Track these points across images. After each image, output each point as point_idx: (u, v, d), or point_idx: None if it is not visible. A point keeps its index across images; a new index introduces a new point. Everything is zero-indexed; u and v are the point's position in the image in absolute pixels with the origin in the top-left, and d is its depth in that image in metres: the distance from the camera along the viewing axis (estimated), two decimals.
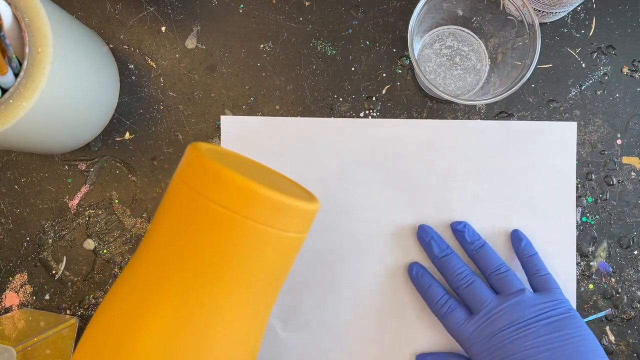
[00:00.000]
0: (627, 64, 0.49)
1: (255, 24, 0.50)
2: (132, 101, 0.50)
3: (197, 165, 0.33)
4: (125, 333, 0.32)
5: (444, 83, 0.49)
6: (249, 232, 0.32)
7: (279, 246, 0.34)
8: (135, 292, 0.34)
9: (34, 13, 0.38)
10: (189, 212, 0.33)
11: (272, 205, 0.32)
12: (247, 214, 0.32)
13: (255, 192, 0.32)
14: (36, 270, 0.49)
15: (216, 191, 0.32)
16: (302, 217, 0.35)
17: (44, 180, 0.50)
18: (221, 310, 0.33)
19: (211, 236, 0.32)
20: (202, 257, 0.32)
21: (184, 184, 0.34)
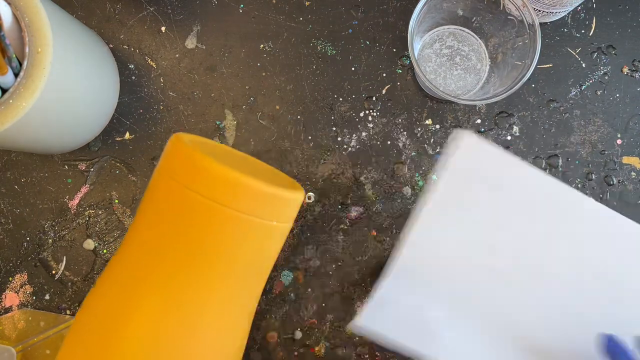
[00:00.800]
0: (627, 64, 0.49)
1: (255, 23, 0.50)
2: (132, 101, 0.50)
3: (179, 156, 0.33)
4: (111, 326, 0.32)
5: (444, 83, 0.49)
6: (231, 222, 0.32)
7: (263, 235, 0.34)
8: (120, 285, 0.33)
9: (34, 13, 0.38)
10: (172, 204, 0.33)
11: (254, 195, 0.32)
12: (230, 204, 0.32)
13: (237, 181, 0.32)
14: (36, 271, 0.49)
15: (198, 182, 0.32)
16: (285, 206, 0.35)
17: (43, 180, 0.50)
18: (206, 300, 0.33)
19: (194, 227, 0.32)
20: (185, 248, 0.32)
21: (166, 175, 0.34)
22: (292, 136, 0.49)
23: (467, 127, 0.49)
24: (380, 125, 0.49)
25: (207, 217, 0.32)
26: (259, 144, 0.49)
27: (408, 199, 0.49)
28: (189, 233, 0.32)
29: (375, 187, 0.49)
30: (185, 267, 0.33)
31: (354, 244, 0.49)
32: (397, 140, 0.49)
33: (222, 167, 0.32)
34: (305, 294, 0.48)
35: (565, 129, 0.49)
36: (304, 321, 0.48)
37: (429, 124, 0.49)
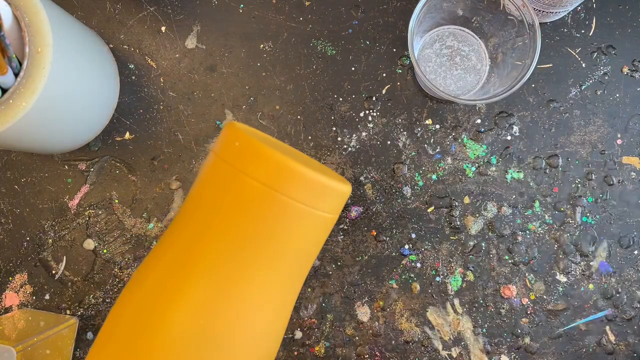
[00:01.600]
0: (627, 64, 0.49)
1: (255, 23, 0.50)
2: (132, 101, 0.50)
3: (237, 142, 0.34)
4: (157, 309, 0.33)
5: (444, 83, 0.49)
6: (285, 209, 0.33)
7: (312, 224, 0.35)
8: (169, 267, 0.34)
9: (34, 13, 0.38)
10: (227, 188, 0.33)
11: (308, 184, 0.33)
12: (284, 191, 0.33)
13: (292, 169, 0.33)
14: (36, 270, 0.49)
15: (255, 168, 0.33)
16: (336, 198, 0.35)
17: (44, 180, 0.50)
18: (253, 287, 0.34)
19: (247, 212, 0.33)
20: (237, 232, 0.33)
21: (222, 160, 0.34)
22: (292, 136, 0.49)
23: (467, 127, 0.49)
24: (380, 125, 0.49)
25: (261, 202, 0.33)
26: None
27: (408, 199, 0.49)
28: (242, 218, 0.33)
29: (375, 187, 0.49)
30: (235, 252, 0.33)
31: (354, 244, 0.49)
32: (397, 140, 0.49)
33: (279, 154, 0.33)
34: (305, 294, 0.48)
35: (565, 128, 0.49)
36: (304, 321, 0.48)
37: (429, 124, 0.49)
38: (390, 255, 0.49)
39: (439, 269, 0.48)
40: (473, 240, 0.48)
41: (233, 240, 0.33)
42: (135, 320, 0.33)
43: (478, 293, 0.48)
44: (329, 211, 0.36)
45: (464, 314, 0.48)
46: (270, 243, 0.34)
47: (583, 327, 0.48)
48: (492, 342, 0.48)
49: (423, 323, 0.48)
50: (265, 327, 0.35)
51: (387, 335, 0.48)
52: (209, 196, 0.34)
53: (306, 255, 0.36)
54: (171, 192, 0.49)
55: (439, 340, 0.48)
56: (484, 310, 0.48)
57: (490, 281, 0.48)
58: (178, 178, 0.49)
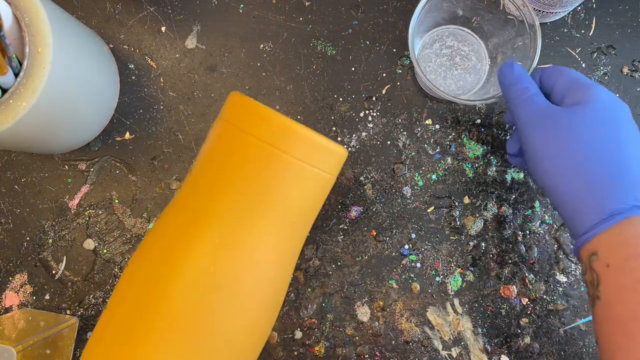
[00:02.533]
0: (627, 64, 0.49)
1: (255, 23, 0.50)
2: (132, 101, 0.50)
3: (240, 106, 0.38)
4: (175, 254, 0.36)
5: (444, 83, 0.49)
6: (287, 166, 0.37)
7: (312, 181, 0.38)
8: (181, 220, 0.37)
9: (34, 13, 0.38)
10: (232, 147, 0.37)
11: (308, 143, 0.37)
12: (285, 149, 0.36)
13: (294, 130, 0.36)
14: (36, 270, 0.49)
15: (260, 129, 0.36)
16: (332, 158, 0.39)
17: (44, 180, 0.50)
18: (259, 237, 0.37)
19: (254, 169, 0.36)
20: (245, 188, 0.36)
21: (229, 124, 0.38)
22: None
23: (467, 127, 0.49)
24: (380, 125, 0.49)
25: (264, 159, 0.36)
26: None
27: (408, 199, 0.49)
28: (248, 174, 0.36)
29: (375, 187, 0.49)
30: (243, 206, 0.36)
31: (353, 244, 0.49)
32: (397, 140, 0.49)
33: (281, 116, 0.36)
34: (305, 294, 0.48)
35: None
36: (304, 321, 0.48)
37: (429, 124, 0.49)
38: (390, 255, 0.49)
39: (439, 269, 0.48)
40: (473, 241, 0.48)
41: (241, 195, 0.36)
42: (153, 268, 0.36)
43: (478, 293, 0.48)
44: (327, 170, 0.39)
45: (464, 314, 0.48)
46: (274, 198, 0.37)
47: (583, 327, 0.48)
48: (492, 342, 0.48)
49: (423, 323, 0.48)
50: (268, 276, 0.38)
51: (387, 335, 0.48)
52: (218, 156, 0.38)
53: (306, 210, 0.39)
54: (171, 192, 0.49)
55: (439, 340, 0.48)
56: (484, 310, 0.48)
57: (490, 281, 0.48)
58: (178, 178, 0.49)
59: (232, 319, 0.36)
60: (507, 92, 0.42)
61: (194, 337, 0.35)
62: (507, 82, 0.42)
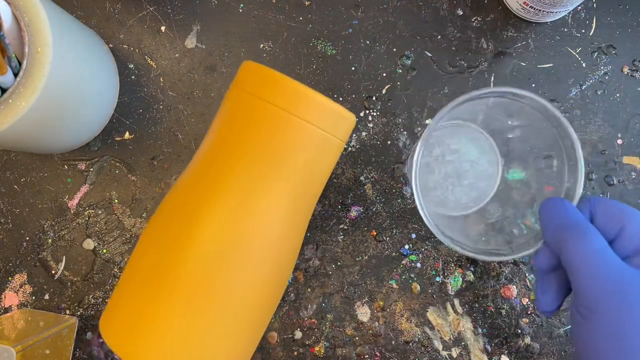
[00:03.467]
0: (627, 64, 0.49)
1: (255, 23, 0.50)
2: (132, 101, 0.50)
3: (252, 73, 0.39)
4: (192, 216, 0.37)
5: (453, 198, 0.45)
6: (300, 129, 0.38)
7: (322, 145, 0.39)
8: (193, 186, 0.38)
9: (34, 13, 0.38)
10: (244, 113, 0.38)
11: (321, 108, 0.38)
12: (300, 114, 0.37)
13: (307, 95, 0.37)
14: (35, 270, 0.49)
15: (273, 94, 0.37)
16: (343, 123, 0.40)
17: (43, 180, 0.49)
18: (272, 200, 0.38)
19: (263, 132, 0.37)
20: (258, 152, 0.37)
21: (243, 91, 0.39)
22: None
23: None
24: (380, 125, 0.49)
25: (278, 123, 0.37)
26: None
27: (408, 199, 0.49)
28: (261, 138, 0.37)
29: (375, 187, 0.49)
30: (256, 170, 0.37)
31: (354, 244, 0.49)
32: (397, 140, 0.49)
33: (294, 81, 0.37)
34: (305, 294, 0.48)
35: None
36: (303, 321, 0.48)
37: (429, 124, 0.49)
38: (390, 255, 0.49)
39: (439, 269, 0.48)
40: None
41: (256, 160, 0.37)
42: (171, 232, 0.38)
43: (478, 293, 0.48)
44: (338, 136, 0.40)
45: (464, 314, 0.48)
46: (288, 161, 0.38)
47: None
48: (493, 343, 0.48)
49: (423, 323, 0.48)
50: (280, 237, 0.39)
51: (387, 336, 0.48)
52: (233, 123, 0.39)
53: (318, 175, 0.40)
54: None
55: (439, 340, 0.48)
56: (484, 310, 0.48)
57: (490, 281, 0.48)
58: (178, 178, 0.49)
59: (247, 279, 0.38)
60: (556, 241, 0.33)
61: (211, 297, 0.36)
62: (557, 229, 0.33)
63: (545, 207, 0.35)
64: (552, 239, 0.33)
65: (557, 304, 0.35)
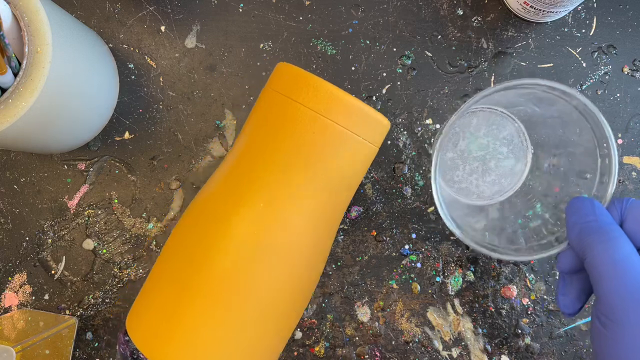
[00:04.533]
0: (627, 64, 0.49)
1: (255, 23, 0.50)
2: (132, 101, 0.50)
3: (292, 75, 0.39)
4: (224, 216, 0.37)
5: (477, 190, 0.45)
6: (330, 132, 0.37)
7: (355, 150, 0.39)
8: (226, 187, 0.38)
9: (33, 12, 0.37)
10: (277, 114, 0.38)
11: (355, 112, 0.38)
12: (330, 116, 0.37)
13: (341, 98, 0.37)
14: (35, 270, 0.49)
15: (308, 96, 0.37)
16: (378, 128, 0.40)
17: (43, 180, 0.49)
18: (302, 205, 0.38)
19: (296, 134, 0.37)
20: (291, 155, 0.37)
21: (278, 93, 0.39)
22: None
23: None
24: None
25: (311, 126, 0.37)
26: None
27: (408, 199, 0.49)
28: (293, 141, 0.37)
29: (375, 187, 0.49)
30: (285, 174, 0.37)
31: (353, 244, 0.49)
32: (397, 140, 0.49)
33: (328, 84, 0.37)
34: None
35: None
36: (304, 321, 0.48)
37: (430, 124, 0.49)
38: (390, 255, 0.48)
39: (439, 269, 0.48)
40: None
41: (287, 163, 0.37)
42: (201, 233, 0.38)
43: (478, 293, 0.48)
44: (371, 140, 0.39)
45: (464, 314, 0.48)
46: (319, 165, 0.38)
47: (584, 327, 0.48)
48: (493, 343, 0.48)
49: (423, 323, 0.48)
50: (310, 241, 0.39)
51: (387, 336, 0.48)
52: (266, 124, 0.39)
53: (349, 179, 0.40)
54: (171, 192, 0.49)
55: (439, 340, 0.48)
56: (485, 310, 0.48)
57: (490, 281, 0.48)
58: (178, 178, 0.49)
59: (276, 280, 0.37)
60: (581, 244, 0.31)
61: (241, 299, 0.36)
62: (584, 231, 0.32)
63: (572, 207, 0.33)
64: (577, 241, 0.32)
65: (579, 306, 0.34)
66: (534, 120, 0.44)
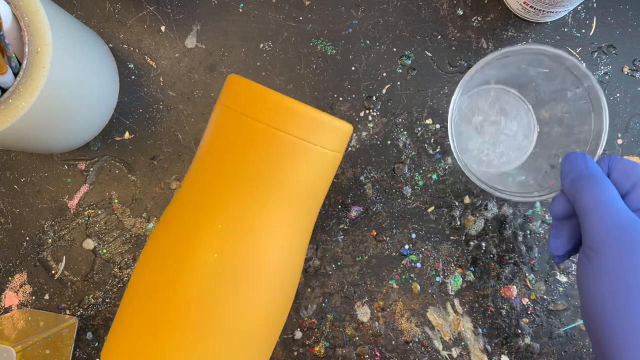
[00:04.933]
0: (627, 64, 0.49)
1: (255, 23, 0.50)
2: (132, 101, 0.50)
3: (243, 89, 0.37)
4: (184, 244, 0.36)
5: (487, 159, 0.48)
6: (290, 146, 0.36)
7: (316, 160, 0.37)
8: (191, 208, 0.37)
9: (34, 12, 0.37)
10: (232, 132, 0.37)
11: (312, 122, 0.36)
12: (286, 129, 0.36)
13: (295, 109, 0.36)
14: (35, 270, 0.49)
15: (260, 110, 0.36)
16: (337, 135, 0.38)
17: (43, 180, 0.49)
18: (267, 221, 0.37)
19: (253, 152, 0.36)
20: (249, 172, 0.36)
21: (225, 107, 0.37)
22: None
23: None
24: (380, 125, 0.49)
25: (267, 141, 0.36)
26: None
27: (408, 199, 0.49)
28: (251, 158, 0.36)
29: (375, 187, 0.49)
30: (248, 190, 0.36)
31: (354, 244, 0.49)
32: (397, 140, 0.49)
33: (281, 95, 0.36)
34: (305, 294, 0.48)
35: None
36: (303, 321, 0.48)
37: (429, 124, 0.49)
38: (390, 255, 0.48)
39: (439, 269, 0.48)
40: (473, 240, 0.48)
41: (245, 180, 0.36)
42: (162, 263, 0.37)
43: (478, 293, 0.48)
44: (333, 148, 0.38)
45: (464, 314, 0.48)
46: (279, 180, 0.36)
47: (584, 327, 0.48)
48: (493, 342, 0.48)
49: (423, 323, 0.48)
50: (281, 261, 0.38)
51: (387, 336, 0.48)
52: (219, 142, 0.37)
53: (314, 191, 0.39)
54: (171, 191, 0.49)
55: (439, 340, 0.48)
56: (485, 310, 0.48)
57: (490, 281, 0.48)
58: (178, 178, 0.49)
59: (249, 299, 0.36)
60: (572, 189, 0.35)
61: (204, 329, 0.35)
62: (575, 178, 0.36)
63: (567, 159, 0.37)
64: (570, 186, 0.36)
65: (567, 248, 0.37)
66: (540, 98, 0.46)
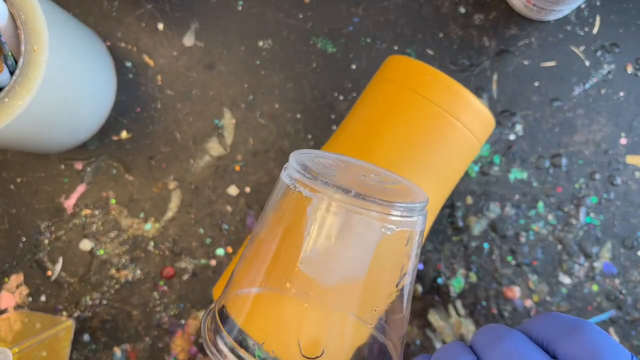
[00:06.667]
0: (631, 62, 0.49)
1: (254, 21, 0.50)
2: (130, 99, 0.49)
3: (409, 66, 0.39)
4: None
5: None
6: (448, 126, 0.38)
7: (465, 145, 0.39)
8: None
9: (30, 10, 0.37)
10: (400, 105, 0.39)
11: (471, 107, 0.38)
12: (451, 110, 0.38)
13: (460, 92, 0.38)
14: (32, 271, 0.49)
15: (425, 86, 0.38)
16: (487, 127, 0.40)
17: (39, 180, 0.49)
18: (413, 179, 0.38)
19: (416, 124, 0.38)
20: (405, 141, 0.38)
21: (392, 82, 0.40)
22: (292, 135, 0.49)
23: None
24: None
25: (428, 116, 0.38)
26: (258, 143, 0.49)
27: None
28: (409, 129, 0.38)
29: None
30: (400, 158, 0.38)
31: None
32: None
33: (446, 76, 0.38)
34: None
35: (568, 128, 0.49)
36: None
37: None
38: None
39: (441, 270, 0.48)
40: (476, 241, 0.48)
41: (400, 149, 0.38)
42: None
43: (480, 295, 0.48)
44: (473, 132, 0.40)
45: (466, 316, 0.48)
46: (431, 155, 0.38)
47: None
48: None
49: (424, 325, 0.48)
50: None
51: None
52: (382, 111, 0.39)
53: (453, 173, 0.41)
54: (169, 191, 0.49)
55: (441, 342, 0.47)
56: (487, 312, 0.47)
57: (493, 282, 0.48)
58: (176, 177, 0.49)
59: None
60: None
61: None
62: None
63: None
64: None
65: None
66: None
